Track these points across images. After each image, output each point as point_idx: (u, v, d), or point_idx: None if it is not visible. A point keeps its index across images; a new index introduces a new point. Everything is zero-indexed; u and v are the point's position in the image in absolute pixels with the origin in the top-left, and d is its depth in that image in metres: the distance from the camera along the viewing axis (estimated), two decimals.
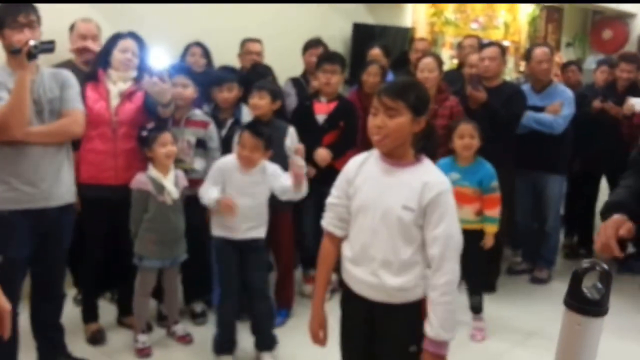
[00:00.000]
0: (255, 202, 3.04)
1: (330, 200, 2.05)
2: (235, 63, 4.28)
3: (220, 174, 3.05)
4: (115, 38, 3.17)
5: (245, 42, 4.38)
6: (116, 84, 3.14)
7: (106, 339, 3.29)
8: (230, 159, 3.06)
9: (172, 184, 3.10)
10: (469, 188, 3.42)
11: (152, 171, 3.07)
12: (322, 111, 3.75)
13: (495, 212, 3.45)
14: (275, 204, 3.20)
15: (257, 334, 3.18)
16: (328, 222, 2.05)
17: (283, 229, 3.54)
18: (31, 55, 2.41)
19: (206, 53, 4.03)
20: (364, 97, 3.97)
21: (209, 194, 3.00)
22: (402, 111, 1.84)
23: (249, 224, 3.04)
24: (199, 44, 4.03)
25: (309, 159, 3.52)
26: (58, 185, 2.63)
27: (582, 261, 1.33)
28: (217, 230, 3.06)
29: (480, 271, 3.54)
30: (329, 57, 3.85)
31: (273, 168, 3.07)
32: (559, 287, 4.28)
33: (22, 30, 2.48)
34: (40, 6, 2.62)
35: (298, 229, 3.86)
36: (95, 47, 3.49)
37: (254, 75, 3.86)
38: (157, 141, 3.05)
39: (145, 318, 3.28)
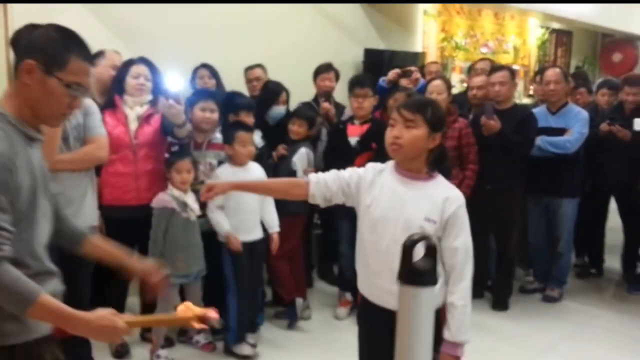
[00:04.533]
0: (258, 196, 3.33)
1: (341, 172, 2.10)
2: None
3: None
4: (127, 64, 3.32)
5: (246, 70, 4.50)
6: (133, 109, 3.30)
7: (130, 353, 3.38)
8: (225, 167, 3.34)
9: (193, 201, 3.23)
10: None
11: (173, 190, 3.19)
12: (355, 133, 3.84)
13: None
14: (284, 204, 3.44)
15: None
16: (320, 179, 2.07)
17: (295, 233, 3.78)
18: None
19: (214, 73, 4.15)
20: (388, 120, 4.06)
21: (220, 225, 3.29)
22: (419, 124, 1.95)
23: (255, 221, 3.41)
24: (205, 66, 4.15)
25: None
26: (83, 209, 2.74)
27: (411, 235, 1.34)
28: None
29: None
30: (358, 81, 3.92)
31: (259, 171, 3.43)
32: (571, 306, 4.34)
33: None
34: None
35: (333, 248, 4.08)
36: None
37: (268, 93, 4.03)
38: (174, 167, 3.20)
39: (164, 334, 3.37)
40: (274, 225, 3.49)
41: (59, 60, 1.51)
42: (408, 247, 1.31)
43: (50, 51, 1.51)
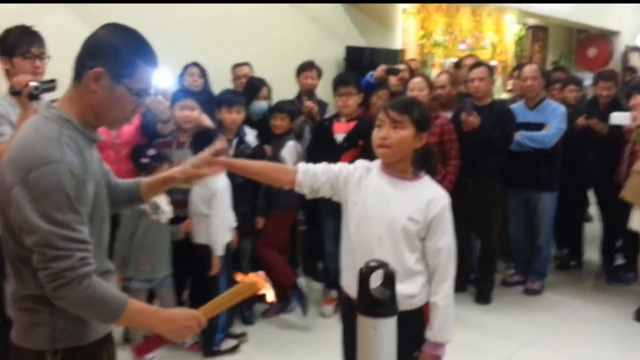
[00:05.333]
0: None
1: (331, 165, 2.11)
2: (232, 86, 4.43)
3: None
4: None
5: (234, 67, 4.53)
6: None
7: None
8: (221, 178, 3.28)
9: (166, 203, 3.20)
10: None
11: None
12: (341, 130, 3.87)
13: None
14: (276, 198, 3.56)
15: None
16: (309, 168, 2.06)
17: (285, 227, 3.85)
18: (32, 96, 2.35)
19: (203, 73, 4.18)
20: (371, 118, 4.08)
21: (219, 245, 3.30)
22: (406, 125, 1.96)
23: (231, 221, 3.48)
24: (196, 64, 4.17)
25: None
26: None
27: (367, 262, 1.24)
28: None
29: None
30: (342, 80, 3.94)
31: None
32: (552, 299, 4.41)
33: (34, 61, 2.55)
34: (41, 26, 2.67)
35: (319, 248, 4.10)
36: None
37: (249, 88, 4.05)
38: (157, 172, 3.10)
39: (142, 333, 3.23)
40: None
41: (128, 68, 1.47)
42: (365, 275, 1.23)
43: (119, 59, 1.47)
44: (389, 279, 1.24)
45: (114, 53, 1.46)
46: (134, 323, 1.54)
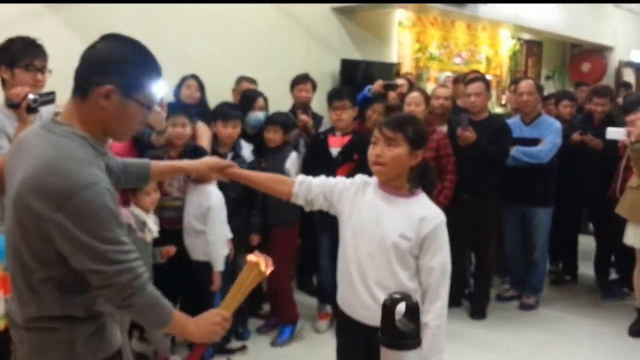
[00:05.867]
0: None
1: (329, 179, 2.14)
2: (228, 97, 4.40)
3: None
4: None
5: (240, 80, 4.51)
6: None
7: None
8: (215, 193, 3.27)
9: (152, 222, 3.14)
10: None
11: (134, 208, 3.10)
12: (336, 144, 3.85)
13: None
14: (279, 213, 3.54)
15: None
16: (305, 180, 2.12)
17: (285, 241, 3.79)
18: (31, 109, 2.30)
19: (201, 87, 4.16)
20: (366, 131, 4.07)
21: (221, 259, 3.29)
22: (400, 143, 1.95)
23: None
24: (195, 77, 4.15)
25: None
26: None
27: (391, 294, 1.24)
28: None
29: None
30: (337, 94, 3.93)
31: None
32: (547, 314, 4.40)
33: (36, 74, 2.50)
34: (31, 34, 2.62)
35: (314, 262, 4.09)
36: None
37: (245, 99, 4.04)
38: (142, 190, 3.07)
39: (129, 350, 3.18)
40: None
41: (137, 83, 1.46)
42: (389, 307, 1.21)
43: (128, 75, 1.45)
44: (413, 311, 1.23)
45: (122, 68, 1.44)
46: (173, 329, 1.58)
